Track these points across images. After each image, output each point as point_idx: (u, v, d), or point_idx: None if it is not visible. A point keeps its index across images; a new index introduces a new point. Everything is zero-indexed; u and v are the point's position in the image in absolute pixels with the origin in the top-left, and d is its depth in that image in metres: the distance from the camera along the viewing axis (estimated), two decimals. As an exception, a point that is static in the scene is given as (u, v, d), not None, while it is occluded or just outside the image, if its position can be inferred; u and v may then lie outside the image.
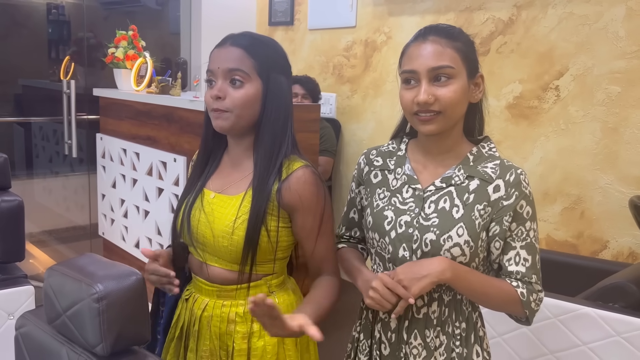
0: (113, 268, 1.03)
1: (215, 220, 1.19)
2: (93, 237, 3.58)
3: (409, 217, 1.15)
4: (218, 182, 1.26)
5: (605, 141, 2.22)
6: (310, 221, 1.19)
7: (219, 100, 1.16)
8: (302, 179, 1.17)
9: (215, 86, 1.17)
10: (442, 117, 1.11)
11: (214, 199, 1.23)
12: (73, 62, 3.67)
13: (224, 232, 1.18)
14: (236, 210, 1.18)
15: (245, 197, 1.19)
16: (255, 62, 1.15)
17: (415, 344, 1.17)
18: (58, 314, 1.04)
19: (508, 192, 1.11)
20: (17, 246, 1.82)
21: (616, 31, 2.16)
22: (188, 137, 2.59)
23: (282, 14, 3.52)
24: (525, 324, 1.18)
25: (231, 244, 1.17)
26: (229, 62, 1.15)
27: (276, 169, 1.18)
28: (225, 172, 1.27)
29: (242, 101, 1.15)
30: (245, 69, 1.15)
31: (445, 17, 2.71)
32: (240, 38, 1.18)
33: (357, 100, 3.19)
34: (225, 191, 1.23)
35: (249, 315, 1.20)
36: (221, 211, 1.20)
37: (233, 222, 1.17)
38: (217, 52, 1.18)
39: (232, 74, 1.15)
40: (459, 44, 1.12)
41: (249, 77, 1.15)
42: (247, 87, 1.16)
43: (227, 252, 1.18)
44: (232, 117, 1.17)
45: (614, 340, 1.56)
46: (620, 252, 2.20)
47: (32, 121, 3.95)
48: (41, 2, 3.75)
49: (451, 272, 1.08)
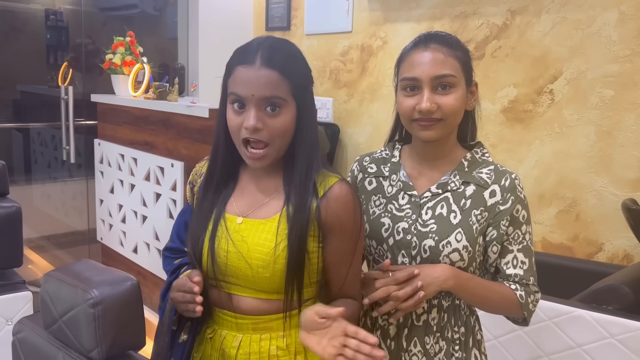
0: (108, 274, 1.04)
1: (251, 250, 1.05)
2: (91, 242, 3.59)
3: (407, 223, 1.16)
4: (242, 205, 1.11)
5: (600, 144, 2.23)
6: (345, 244, 1.08)
7: (257, 131, 1.01)
8: (342, 198, 1.06)
9: (248, 115, 1.02)
10: (442, 124, 1.12)
11: (242, 224, 1.08)
12: (71, 68, 3.68)
13: (265, 261, 1.04)
14: (274, 235, 1.05)
15: (281, 219, 1.06)
16: (290, 85, 1.03)
17: (415, 351, 1.18)
18: (54, 320, 1.05)
19: (504, 197, 1.13)
20: (15, 252, 1.83)
21: (609, 35, 2.18)
22: (185, 142, 2.60)
23: (278, 19, 3.54)
24: (522, 324, 1.20)
25: (274, 274, 1.04)
26: (265, 89, 1.00)
27: (312, 186, 1.07)
28: (248, 192, 1.13)
29: (282, 130, 1.03)
30: (282, 94, 1.02)
31: (440, 22, 2.73)
32: (272, 56, 1.02)
33: (354, 104, 3.20)
34: (254, 214, 1.09)
35: (292, 346, 1.10)
36: (255, 239, 1.06)
37: (273, 250, 1.04)
38: (247, 74, 1.01)
39: (269, 101, 1.01)
40: (459, 52, 1.13)
41: (286, 102, 1.03)
42: (284, 113, 1.03)
43: (268, 283, 1.05)
44: (272, 152, 1.04)
45: (608, 342, 1.57)
46: (615, 255, 2.22)
47: (30, 127, 3.97)
48: (39, 8, 3.77)
49: (454, 281, 1.09)
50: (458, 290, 1.11)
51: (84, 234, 3.78)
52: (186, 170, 2.57)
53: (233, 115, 1.04)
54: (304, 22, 3.42)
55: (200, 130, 2.49)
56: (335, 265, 1.10)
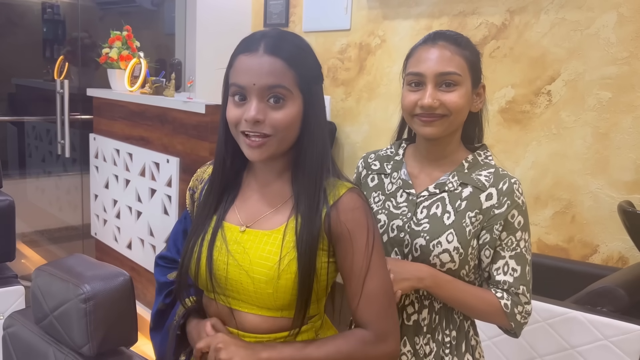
0: (101, 269, 1.03)
1: (253, 263, 0.97)
2: (85, 237, 3.57)
3: (401, 221, 1.16)
4: (245, 213, 1.04)
5: (596, 146, 2.23)
6: (357, 256, 0.99)
7: (258, 123, 0.95)
8: (352, 206, 0.99)
9: (249, 106, 0.95)
10: (444, 121, 1.11)
11: (245, 234, 1.01)
12: (67, 62, 3.66)
13: (268, 276, 0.96)
14: (278, 248, 0.97)
15: (286, 231, 0.98)
16: (296, 75, 0.96)
17: (405, 350, 1.17)
18: (45, 314, 1.04)
19: (500, 201, 1.12)
20: (8, 246, 1.82)
21: (607, 37, 2.18)
22: (181, 138, 2.59)
23: (277, 15, 3.53)
24: (513, 336, 1.17)
25: (277, 290, 0.96)
26: (268, 77, 0.94)
27: (323, 194, 0.99)
28: (252, 200, 1.05)
29: (285, 124, 0.95)
30: (287, 84, 0.95)
31: (439, 22, 2.73)
32: (277, 44, 0.96)
33: (351, 103, 3.20)
34: (258, 225, 1.02)
35: None
36: (257, 251, 0.98)
37: (277, 265, 0.96)
38: (249, 62, 0.95)
39: (271, 91, 0.94)
40: (467, 52, 1.13)
41: (291, 93, 0.95)
42: (289, 105, 0.95)
43: (270, 300, 0.97)
44: (273, 143, 0.96)
45: (602, 344, 1.57)
46: (610, 257, 2.22)
47: (25, 121, 3.95)
48: (36, 2, 3.75)
49: (431, 281, 1.09)
50: (436, 291, 1.10)
51: (78, 229, 3.76)
52: (182, 166, 2.56)
53: (233, 107, 0.97)
54: (302, 19, 3.41)
55: (196, 126, 2.48)
56: (350, 280, 1.01)
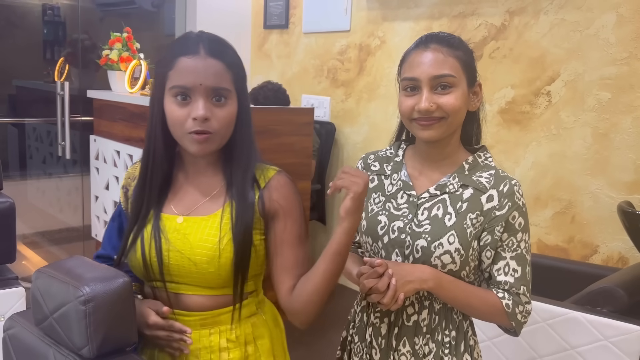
0: (100, 270, 1.03)
1: (194, 246, 1.07)
2: (86, 239, 3.57)
3: (402, 223, 1.16)
4: (180, 205, 1.12)
5: (596, 147, 2.24)
6: (290, 227, 1.11)
7: (206, 121, 1.03)
8: (282, 185, 1.12)
9: (196, 105, 1.02)
10: (443, 123, 1.11)
11: (184, 223, 1.09)
12: (67, 64, 3.67)
13: (209, 257, 1.06)
14: (217, 230, 1.07)
15: (223, 214, 1.09)
16: (233, 76, 1.06)
17: (404, 351, 1.18)
18: (45, 316, 1.04)
19: (501, 203, 1.12)
20: (8, 248, 1.81)
21: (607, 38, 2.18)
22: (181, 139, 2.59)
23: (277, 17, 3.53)
24: (513, 335, 1.19)
25: (219, 268, 1.06)
26: (214, 78, 1.03)
27: (252, 179, 1.10)
28: (185, 192, 1.14)
29: (228, 121, 1.06)
30: (227, 85, 1.05)
31: (438, 23, 2.73)
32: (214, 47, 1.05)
33: (351, 104, 3.20)
34: (195, 212, 1.11)
35: (242, 337, 1.12)
36: (197, 235, 1.08)
37: (218, 245, 1.06)
38: (193, 64, 1.02)
39: (216, 91, 1.04)
40: (459, 52, 1.13)
41: (231, 92, 1.06)
42: (230, 104, 1.06)
43: (213, 278, 1.07)
44: (217, 139, 1.06)
45: (602, 345, 1.57)
46: (610, 257, 2.22)
47: (25, 122, 3.95)
48: (36, 3, 3.75)
49: (434, 282, 1.09)
50: (439, 292, 1.11)
51: (78, 231, 3.77)
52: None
53: (176, 107, 1.04)
54: (302, 20, 3.41)
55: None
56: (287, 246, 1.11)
